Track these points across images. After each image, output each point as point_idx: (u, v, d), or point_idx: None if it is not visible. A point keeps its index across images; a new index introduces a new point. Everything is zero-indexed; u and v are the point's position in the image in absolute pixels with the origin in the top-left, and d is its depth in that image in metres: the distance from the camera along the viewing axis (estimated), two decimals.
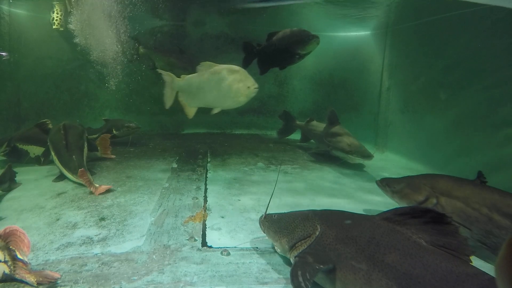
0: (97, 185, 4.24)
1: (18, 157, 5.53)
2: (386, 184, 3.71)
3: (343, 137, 5.96)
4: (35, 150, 5.59)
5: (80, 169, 4.29)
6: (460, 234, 2.04)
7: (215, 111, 5.12)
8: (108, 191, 4.27)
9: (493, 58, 5.00)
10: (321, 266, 2.18)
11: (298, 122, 7.58)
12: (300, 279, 2.11)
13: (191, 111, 5.35)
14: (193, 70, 8.02)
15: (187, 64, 7.89)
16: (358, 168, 5.95)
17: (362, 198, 4.48)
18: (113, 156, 5.84)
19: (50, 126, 5.74)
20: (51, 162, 5.20)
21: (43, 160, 5.52)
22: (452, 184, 3.27)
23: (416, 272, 1.90)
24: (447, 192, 3.24)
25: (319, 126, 6.85)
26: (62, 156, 4.78)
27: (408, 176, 3.71)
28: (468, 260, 1.98)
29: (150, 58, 8.10)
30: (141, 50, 8.04)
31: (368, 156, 5.63)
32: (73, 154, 4.72)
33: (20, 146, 5.57)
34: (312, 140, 7.36)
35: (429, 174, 3.69)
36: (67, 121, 5.34)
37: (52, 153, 5.00)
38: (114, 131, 6.65)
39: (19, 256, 2.32)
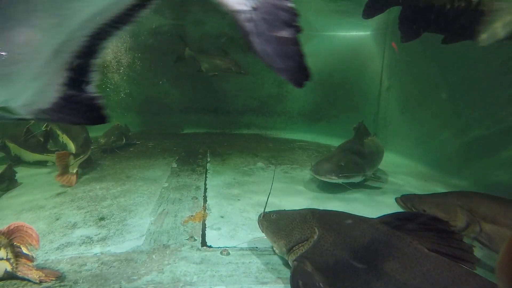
0: (73, 171, 4.45)
1: (7, 154, 5.60)
2: (412, 204, 3.07)
3: (334, 154, 5.09)
4: (14, 149, 5.59)
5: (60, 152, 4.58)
6: (465, 242, 1.97)
7: None
8: (107, 190, 4.27)
9: (493, 59, 5.00)
10: (321, 284, 2.11)
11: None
12: None
13: None
14: (237, 71, 8.13)
15: (231, 65, 7.94)
16: None
17: (361, 198, 4.48)
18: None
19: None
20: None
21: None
22: (497, 207, 2.65)
23: (417, 282, 1.84)
24: (492, 217, 2.63)
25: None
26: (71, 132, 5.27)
27: (436, 194, 3.13)
28: (473, 268, 1.92)
29: (196, 60, 8.13)
30: (187, 51, 8.09)
31: (319, 175, 4.47)
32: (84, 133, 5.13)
33: (7, 143, 5.60)
34: None
35: (461, 192, 3.03)
36: None
37: (59, 133, 5.43)
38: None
39: (25, 251, 2.34)
